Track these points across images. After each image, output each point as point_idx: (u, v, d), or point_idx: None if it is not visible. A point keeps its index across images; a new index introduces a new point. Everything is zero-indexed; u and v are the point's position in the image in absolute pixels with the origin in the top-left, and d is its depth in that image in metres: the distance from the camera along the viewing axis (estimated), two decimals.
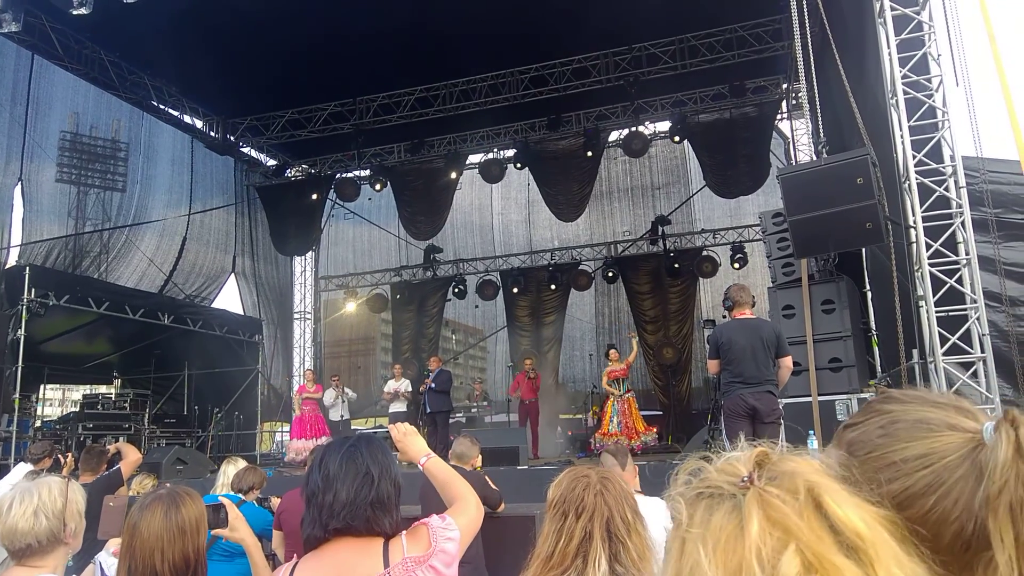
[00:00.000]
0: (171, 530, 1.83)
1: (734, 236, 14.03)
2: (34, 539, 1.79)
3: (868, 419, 0.81)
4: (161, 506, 1.87)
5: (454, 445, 4.56)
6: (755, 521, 0.60)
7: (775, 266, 6.78)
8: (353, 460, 1.61)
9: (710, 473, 0.68)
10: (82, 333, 12.23)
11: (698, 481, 0.68)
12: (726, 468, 0.67)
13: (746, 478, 0.64)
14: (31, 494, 1.83)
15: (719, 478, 0.66)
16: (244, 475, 4.57)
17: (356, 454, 1.62)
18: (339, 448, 1.66)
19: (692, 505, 0.66)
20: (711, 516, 0.63)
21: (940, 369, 5.53)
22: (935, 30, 5.96)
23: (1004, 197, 6.11)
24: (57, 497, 1.85)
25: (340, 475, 1.58)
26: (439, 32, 10.68)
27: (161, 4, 8.55)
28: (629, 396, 10.15)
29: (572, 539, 1.53)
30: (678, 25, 11.48)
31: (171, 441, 11.52)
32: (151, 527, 1.83)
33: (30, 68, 11.07)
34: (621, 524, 1.53)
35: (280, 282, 16.61)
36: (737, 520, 0.61)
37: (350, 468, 1.59)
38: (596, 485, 1.58)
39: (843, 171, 5.47)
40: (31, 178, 11.29)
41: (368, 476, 1.59)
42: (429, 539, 1.64)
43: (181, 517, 1.85)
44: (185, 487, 2.03)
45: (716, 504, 0.64)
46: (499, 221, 16.01)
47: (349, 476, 1.58)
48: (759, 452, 0.67)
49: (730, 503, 0.63)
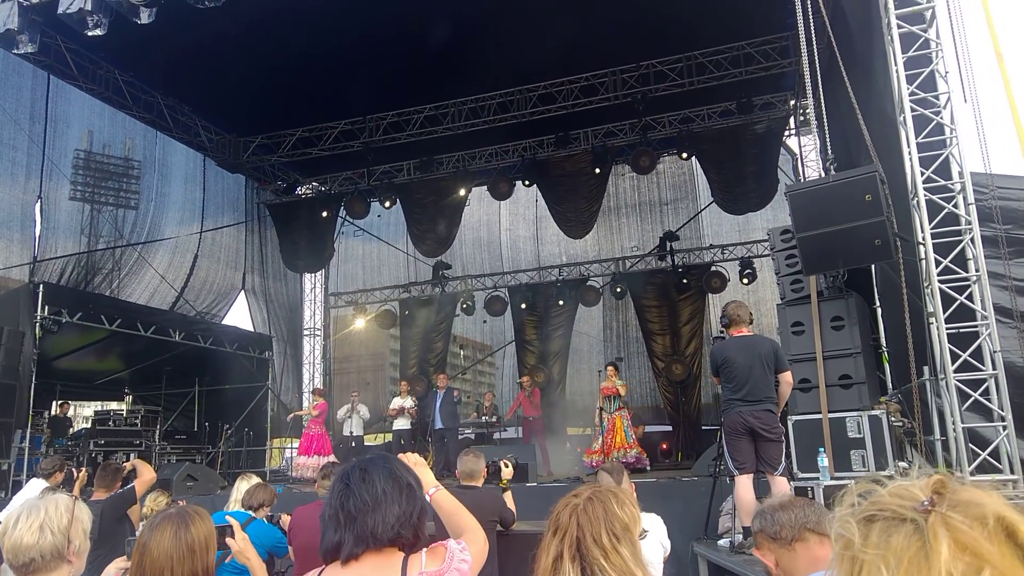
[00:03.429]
0: (180, 549, 1.85)
1: (743, 252, 14.01)
2: (38, 554, 1.79)
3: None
4: (171, 525, 1.88)
5: (460, 465, 4.52)
6: (944, 545, 0.61)
7: (784, 283, 6.75)
8: (396, 477, 1.67)
9: (883, 496, 0.69)
10: (94, 350, 12.33)
11: (868, 503, 0.69)
12: (901, 492, 0.68)
13: (927, 502, 0.65)
14: (38, 509, 1.85)
15: (893, 501, 0.67)
16: (254, 492, 4.59)
17: (395, 470, 1.69)
18: (380, 465, 1.70)
19: (865, 526, 0.67)
20: (889, 538, 0.64)
21: (951, 386, 5.49)
22: (942, 47, 5.98)
23: (1014, 213, 6.08)
24: (63, 513, 1.85)
25: (389, 491, 1.63)
26: (448, 51, 10.81)
27: (174, 25, 8.69)
28: (617, 414, 10.17)
29: (548, 556, 1.54)
30: (686, 43, 11.57)
31: (182, 457, 11.55)
32: (161, 546, 1.84)
33: (47, 88, 11.29)
34: (593, 544, 1.51)
35: (290, 299, 16.71)
36: (919, 543, 0.62)
37: (395, 484, 1.65)
38: (579, 504, 1.58)
39: (851, 188, 5.46)
40: (48, 196, 11.48)
41: (410, 488, 1.67)
42: (445, 557, 1.69)
43: (191, 536, 1.87)
44: (195, 506, 2.06)
45: (894, 527, 0.65)
46: (507, 237, 16.07)
47: (395, 491, 1.64)
48: (937, 479, 0.68)
49: (910, 527, 0.64)
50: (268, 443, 14.30)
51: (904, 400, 6.56)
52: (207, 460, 12.06)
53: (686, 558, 5.74)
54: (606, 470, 3.85)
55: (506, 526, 4.23)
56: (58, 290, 10.82)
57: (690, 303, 14.11)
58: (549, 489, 7.64)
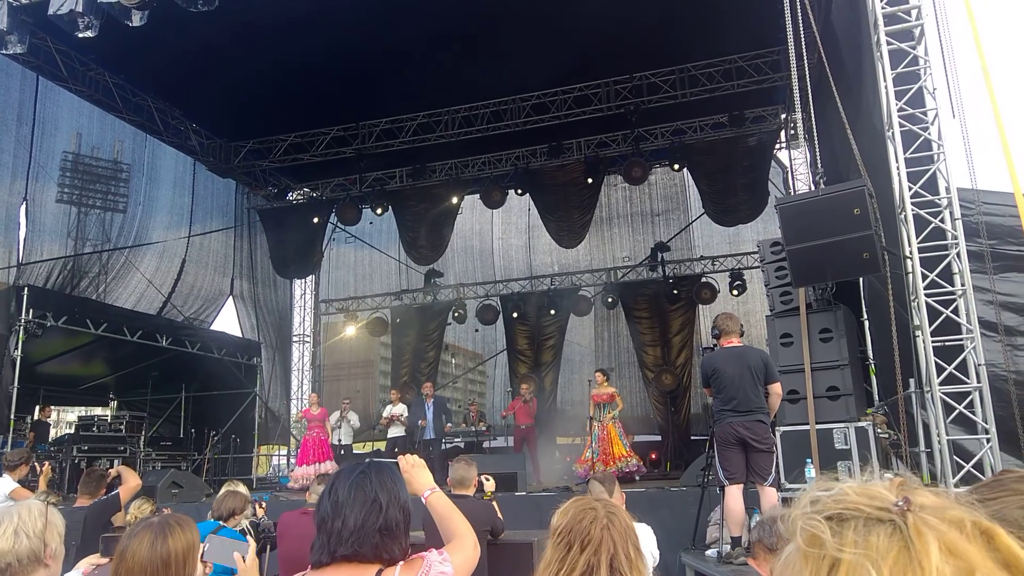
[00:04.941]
0: (154, 561, 1.82)
1: (733, 263, 14.09)
2: (14, 558, 1.78)
3: (1002, 496, 0.83)
4: (149, 535, 1.86)
5: (452, 472, 4.51)
6: (934, 548, 0.61)
7: (773, 294, 6.80)
8: (362, 487, 1.63)
9: (848, 495, 0.68)
10: (79, 354, 12.21)
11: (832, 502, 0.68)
12: (868, 492, 0.68)
13: (900, 503, 0.65)
14: (11, 515, 1.84)
15: (862, 501, 0.67)
16: (223, 500, 4.34)
17: (365, 481, 1.64)
18: (349, 475, 1.68)
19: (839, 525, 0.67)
20: (867, 538, 0.64)
21: (937, 398, 5.53)
22: (930, 64, 6.06)
23: (999, 229, 6.16)
24: (37, 518, 1.85)
25: (349, 501, 1.60)
26: (441, 58, 10.84)
27: (166, 28, 8.66)
28: (610, 422, 10.08)
29: (574, 570, 1.53)
30: (678, 55, 11.66)
31: (167, 464, 11.43)
32: (136, 556, 1.83)
33: (35, 89, 11.21)
34: (624, 560, 1.53)
35: (279, 305, 16.62)
36: (901, 543, 0.63)
37: (359, 495, 1.62)
38: (603, 519, 1.58)
39: (840, 202, 5.51)
40: (35, 198, 11.38)
41: (376, 503, 1.61)
42: (421, 568, 1.66)
43: (167, 548, 1.84)
44: (180, 515, 2.02)
45: (871, 526, 0.65)
46: (499, 246, 16.08)
47: (358, 503, 1.60)
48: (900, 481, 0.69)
49: (888, 527, 0.64)
50: (255, 450, 14.18)
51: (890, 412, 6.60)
52: (193, 467, 11.93)
53: (674, 568, 5.73)
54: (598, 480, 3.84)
55: (496, 536, 4.21)
56: (43, 293, 10.71)
57: (681, 314, 14.16)
58: (539, 499, 7.61)
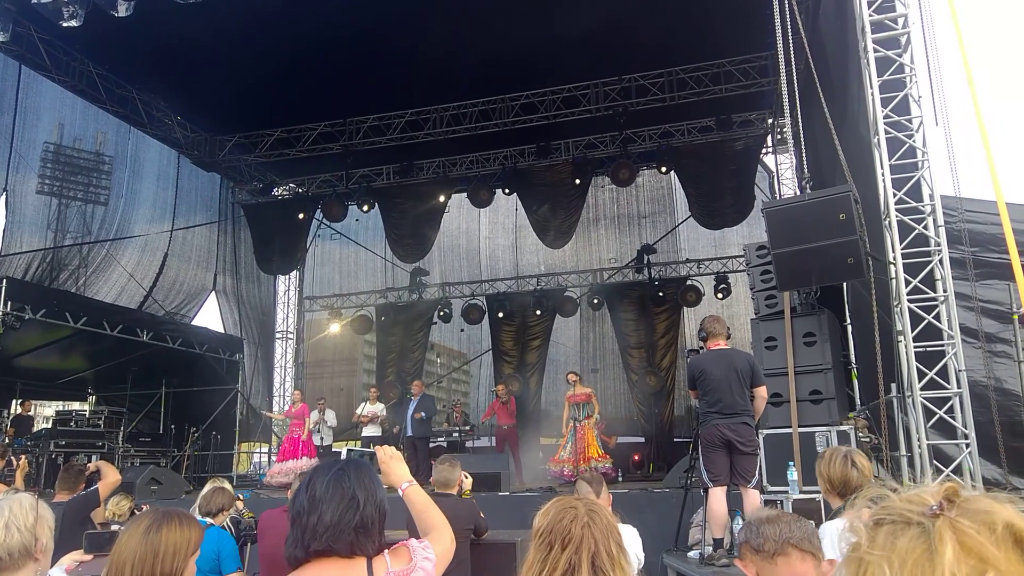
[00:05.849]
0: (145, 550, 1.83)
1: (718, 267, 14.17)
2: (5, 552, 1.79)
3: None
4: (145, 524, 1.88)
5: (435, 473, 4.48)
6: (949, 547, 0.62)
7: (758, 298, 6.84)
8: (340, 483, 1.62)
9: (893, 501, 0.70)
10: (57, 348, 12.01)
11: (879, 508, 0.70)
12: (912, 498, 0.69)
13: (935, 507, 0.66)
14: (2, 509, 1.84)
15: (903, 506, 0.68)
16: (211, 497, 4.33)
17: (343, 478, 1.64)
18: (327, 471, 1.67)
19: (873, 529, 0.68)
20: (895, 540, 0.65)
21: (917, 403, 5.59)
22: (916, 72, 6.13)
23: (981, 236, 6.24)
24: (28, 512, 1.85)
25: (326, 497, 1.60)
26: (431, 56, 10.80)
27: (152, 19, 8.55)
28: (587, 423, 10.14)
29: (556, 569, 1.51)
30: (667, 58, 11.71)
31: (146, 460, 11.28)
32: (128, 543, 1.84)
33: (17, 78, 11.02)
34: (607, 558, 1.52)
35: (263, 301, 16.46)
36: (925, 545, 0.63)
37: (336, 491, 1.61)
38: (583, 517, 1.57)
39: (826, 207, 5.56)
40: (15, 189, 11.18)
41: (354, 500, 1.60)
42: (410, 555, 1.69)
43: (158, 539, 1.85)
44: (184, 511, 2.03)
45: (900, 530, 0.66)
46: (486, 245, 16.04)
47: (335, 499, 1.59)
48: (950, 486, 0.69)
49: (916, 529, 0.65)
50: (236, 447, 14.04)
51: (872, 416, 6.67)
52: (172, 464, 11.79)
53: (656, 569, 5.74)
54: (585, 480, 3.81)
55: (479, 535, 4.19)
56: (22, 286, 10.53)
57: (666, 316, 14.21)
58: (522, 499, 7.61)
